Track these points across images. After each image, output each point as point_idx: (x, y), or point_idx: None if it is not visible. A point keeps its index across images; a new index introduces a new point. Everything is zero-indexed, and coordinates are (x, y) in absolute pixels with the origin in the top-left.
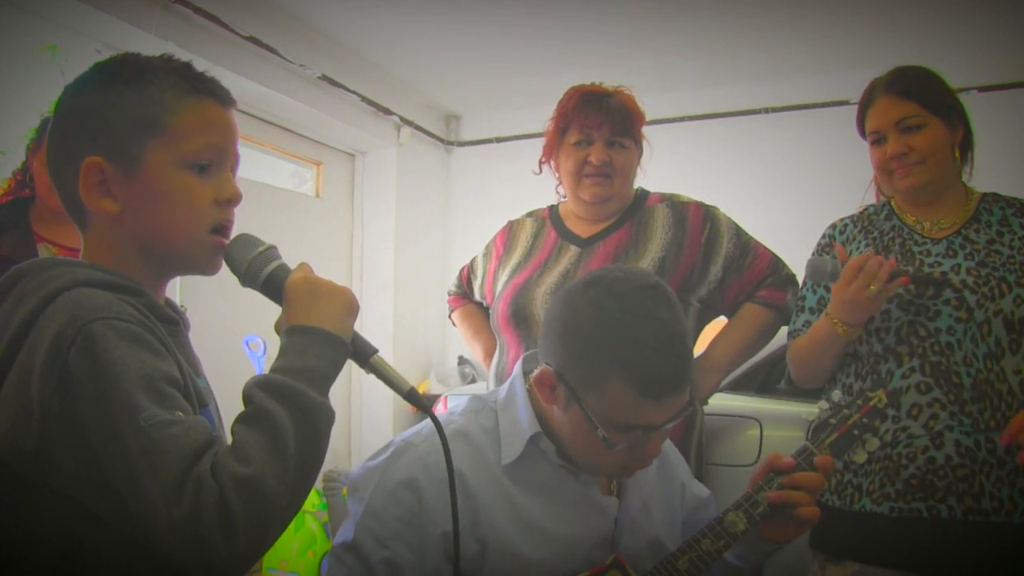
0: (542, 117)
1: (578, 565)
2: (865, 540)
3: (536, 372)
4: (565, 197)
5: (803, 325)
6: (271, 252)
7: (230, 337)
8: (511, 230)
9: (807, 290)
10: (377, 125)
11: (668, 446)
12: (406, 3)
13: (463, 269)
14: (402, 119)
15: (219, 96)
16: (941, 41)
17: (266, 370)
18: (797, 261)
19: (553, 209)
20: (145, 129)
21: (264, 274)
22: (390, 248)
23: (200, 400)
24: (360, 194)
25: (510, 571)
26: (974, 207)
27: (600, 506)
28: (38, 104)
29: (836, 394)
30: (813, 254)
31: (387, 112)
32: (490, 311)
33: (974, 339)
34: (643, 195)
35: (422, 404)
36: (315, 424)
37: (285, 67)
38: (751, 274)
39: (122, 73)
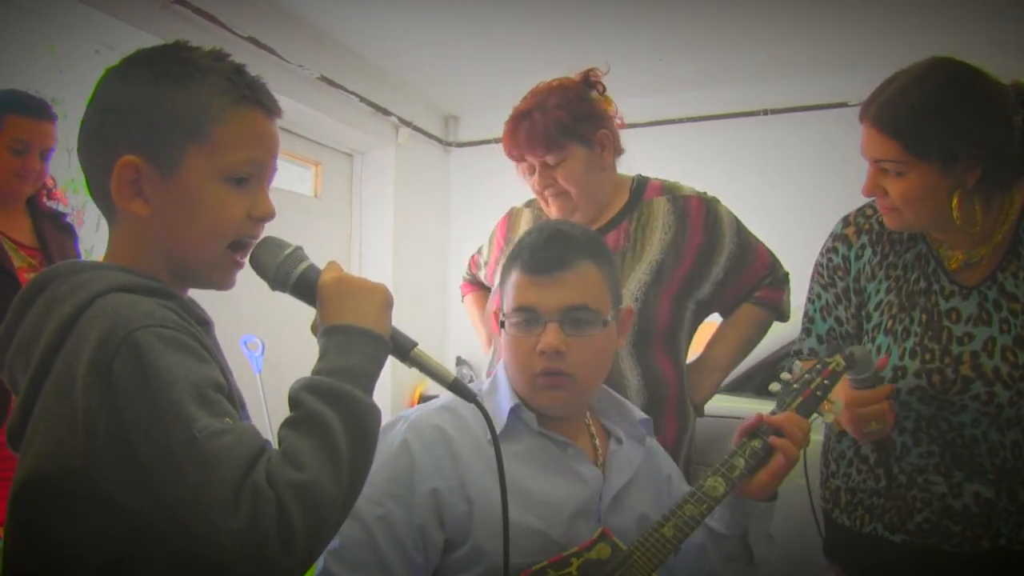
0: None
1: (563, 530)
2: (879, 564)
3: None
4: None
5: (808, 352)
6: (298, 253)
7: (227, 337)
8: (511, 218)
9: (815, 313)
10: (376, 125)
11: (655, 444)
12: (405, 4)
13: (472, 256)
14: (401, 119)
15: (266, 106)
16: (941, 43)
17: (263, 371)
18: (797, 263)
19: None
20: (187, 133)
21: (294, 276)
22: (388, 248)
23: (240, 401)
24: (359, 194)
25: (496, 531)
26: (1007, 237)
27: (581, 475)
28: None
29: (796, 364)
30: (819, 266)
31: (386, 112)
32: (488, 301)
33: (1000, 430)
34: (642, 184)
35: (467, 392)
36: (364, 425)
37: (284, 67)
38: (750, 274)
39: (171, 70)
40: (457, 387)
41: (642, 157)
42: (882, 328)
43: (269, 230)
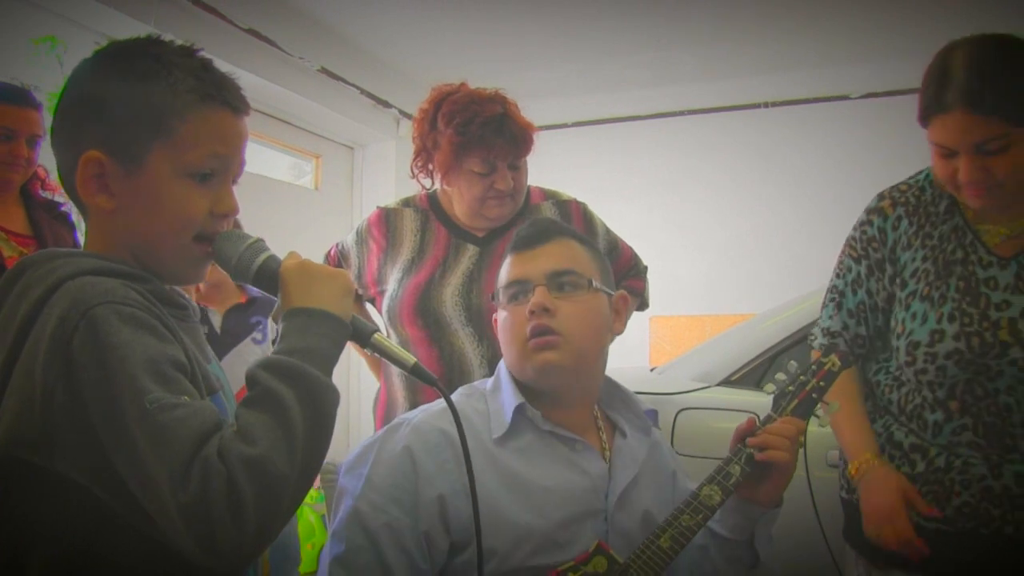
0: (542, 110)
1: (569, 531)
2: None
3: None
4: (432, 187)
5: (841, 328)
6: (259, 245)
7: None
8: (388, 219)
9: (846, 287)
10: (376, 118)
11: (660, 437)
12: None
13: (331, 253)
14: (401, 112)
15: (232, 104)
16: (942, 34)
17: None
18: (798, 252)
19: (432, 199)
20: (151, 131)
21: (255, 266)
22: None
23: (209, 387)
24: (359, 187)
25: (501, 534)
26: None
27: (588, 472)
28: (37, 95)
29: (792, 364)
30: (851, 240)
31: (386, 105)
32: (386, 307)
33: None
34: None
35: (428, 377)
36: (321, 404)
37: (284, 59)
38: (618, 267)
39: (137, 66)
40: (418, 371)
41: (643, 150)
42: (918, 295)
43: (273, 222)
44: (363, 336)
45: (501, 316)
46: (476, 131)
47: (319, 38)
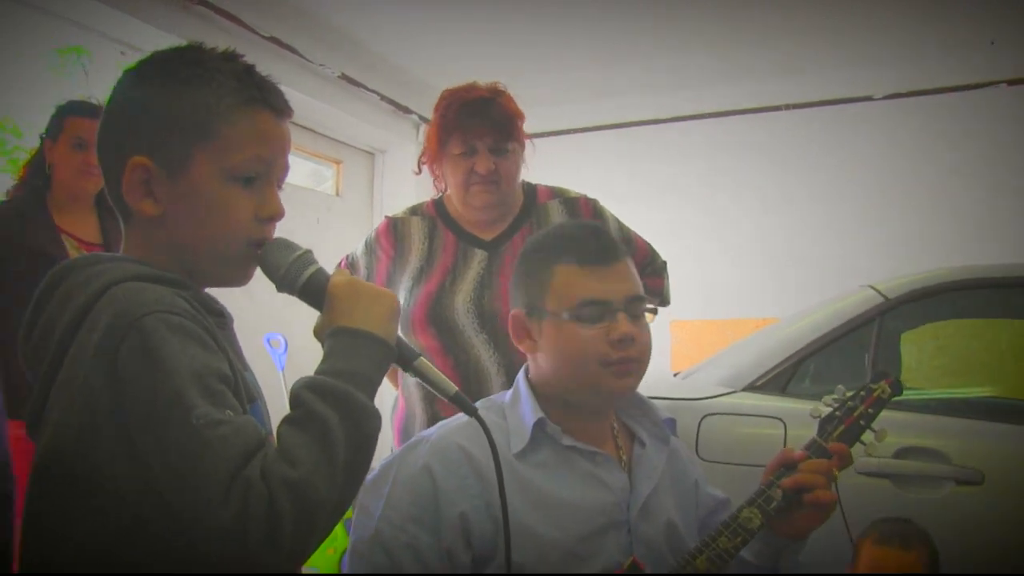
0: (560, 115)
1: (591, 544)
2: None
3: (511, 333)
4: (442, 193)
5: None
6: (308, 256)
7: (251, 335)
8: (396, 228)
9: None
10: (396, 123)
11: (680, 445)
12: (425, 2)
13: (340, 264)
14: (421, 117)
15: (275, 107)
16: (965, 35)
17: (285, 368)
18: (822, 255)
19: (439, 206)
20: (194, 134)
21: (302, 279)
22: None
23: (249, 395)
24: (380, 192)
25: (525, 549)
26: None
27: (609, 484)
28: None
29: (840, 388)
30: None
31: (406, 111)
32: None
33: None
34: (532, 190)
35: (467, 406)
36: (364, 429)
37: (305, 67)
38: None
39: (180, 72)
40: (459, 400)
41: (663, 154)
42: None
43: (295, 227)
44: (407, 360)
45: (567, 330)
46: (454, 112)
47: (339, 46)
